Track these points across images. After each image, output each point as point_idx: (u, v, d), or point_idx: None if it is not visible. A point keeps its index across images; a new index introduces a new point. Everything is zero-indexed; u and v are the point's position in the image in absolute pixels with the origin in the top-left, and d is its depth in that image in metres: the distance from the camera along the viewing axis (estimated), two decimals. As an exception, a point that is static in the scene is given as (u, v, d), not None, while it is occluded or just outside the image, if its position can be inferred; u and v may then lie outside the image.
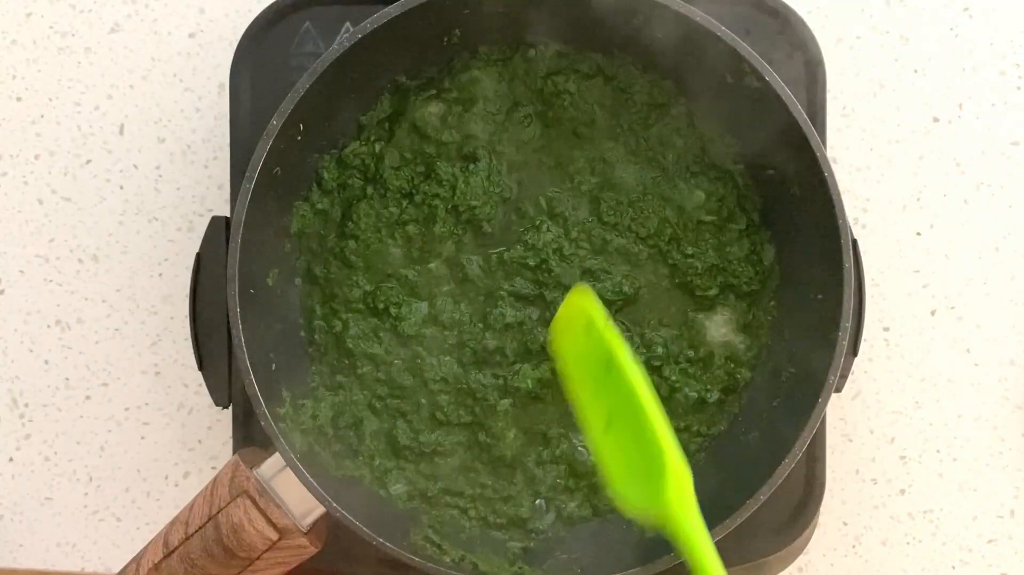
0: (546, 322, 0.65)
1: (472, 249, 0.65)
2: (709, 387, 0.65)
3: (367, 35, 0.58)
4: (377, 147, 0.65)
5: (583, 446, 0.65)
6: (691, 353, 0.65)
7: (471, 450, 0.65)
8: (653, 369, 0.65)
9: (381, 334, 0.65)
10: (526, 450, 0.65)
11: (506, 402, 0.65)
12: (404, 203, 0.65)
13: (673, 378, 0.65)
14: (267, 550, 0.58)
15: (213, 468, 0.71)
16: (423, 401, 0.65)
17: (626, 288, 0.65)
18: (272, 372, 0.61)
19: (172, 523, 0.60)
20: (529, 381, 0.64)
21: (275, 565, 0.59)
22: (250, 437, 0.64)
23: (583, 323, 0.56)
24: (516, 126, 0.65)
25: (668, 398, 0.65)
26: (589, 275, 0.65)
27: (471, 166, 0.64)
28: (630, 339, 0.65)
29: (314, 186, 0.64)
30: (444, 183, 0.64)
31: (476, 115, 0.65)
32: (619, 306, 0.65)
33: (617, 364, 0.54)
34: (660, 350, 0.65)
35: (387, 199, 0.65)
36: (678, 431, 0.65)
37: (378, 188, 0.64)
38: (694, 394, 0.65)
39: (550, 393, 0.66)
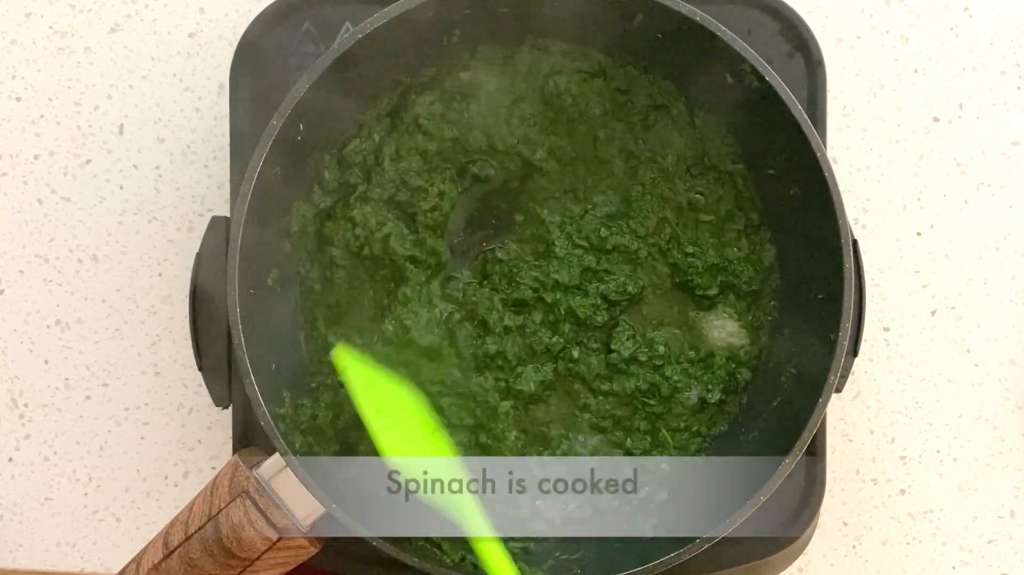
0: (549, 324, 0.65)
1: (468, 249, 0.65)
2: (710, 387, 0.65)
3: (367, 35, 0.58)
4: (377, 138, 0.64)
5: (583, 447, 0.66)
6: (692, 353, 0.65)
7: (471, 451, 0.65)
8: (655, 368, 0.65)
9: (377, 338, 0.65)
10: (527, 451, 0.65)
11: (507, 404, 0.65)
12: (399, 191, 0.65)
13: (675, 378, 0.65)
14: (267, 550, 0.58)
15: (213, 468, 0.71)
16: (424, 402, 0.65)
17: (630, 288, 0.65)
18: (272, 372, 0.61)
19: (172, 523, 0.60)
20: (532, 384, 0.65)
21: (275, 565, 0.59)
22: (250, 437, 0.64)
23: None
24: (515, 125, 0.65)
25: (670, 398, 0.65)
26: (590, 274, 0.65)
27: (470, 162, 0.65)
28: (632, 338, 0.65)
29: (314, 186, 0.64)
30: (439, 173, 0.64)
31: (476, 114, 0.65)
32: (624, 307, 0.65)
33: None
34: (662, 349, 0.65)
35: (381, 197, 0.65)
36: (680, 431, 0.65)
37: (376, 179, 0.64)
38: (696, 394, 0.65)
39: (552, 395, 0.66)
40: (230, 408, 0.64)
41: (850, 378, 0.61)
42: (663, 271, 0.65)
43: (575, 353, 0.65)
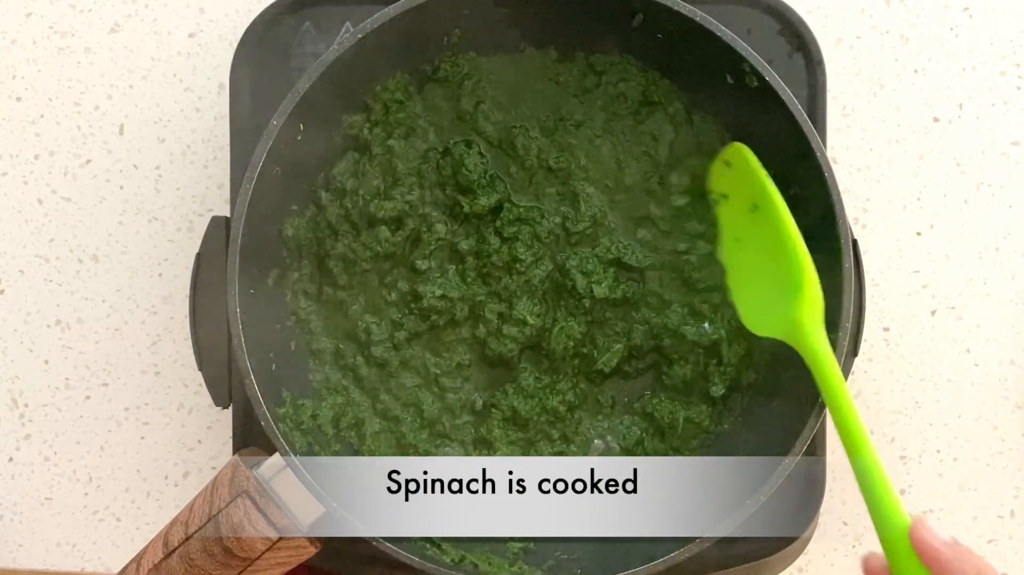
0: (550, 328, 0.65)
1: (468, 246, 0.65)
2: (714, 384, 0.65)
3: (367, 35, 0.58)
4: (375, 129, 0.64)
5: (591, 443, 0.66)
6: (695, 353, 0.65)
7: (475, 449, 0.65)
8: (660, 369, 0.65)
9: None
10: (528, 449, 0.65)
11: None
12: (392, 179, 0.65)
13: (680, 377, 0.65)
14: (267, 550, 0.58)
15: (213, 468, 0.71)
16: (427, 399, 0.65)
17: (633, 287, 0.65)
18: (272, 372, 0.61)
19: (172, 523, 0.60)
20: (532, 378, 0.65)
21: (275, 565, 0.59)
22: (250, 437, 0.64)
23: (741, 167, 0.61)
24: (514, 123, 0.65)
25: (674, 398, 0.65)
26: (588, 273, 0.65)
27: (468, 148, 0.65)
28: (635, 339, 0.65)
29: (315, 187, 0.64)
30: (438, 157, 0.64)
31: (478, 112, 0.65)
32: (624, 303, 0.65)
33: (768, 202, 0.60)
34: (668, 344, 0.65)
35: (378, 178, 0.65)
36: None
37: (368, 157, 0.64)
38: (699, 393, 0.65)
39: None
40: (230, 408, 0.64)
41: (850, 378, 0.61)
42: (668, 270, 0.65)
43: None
